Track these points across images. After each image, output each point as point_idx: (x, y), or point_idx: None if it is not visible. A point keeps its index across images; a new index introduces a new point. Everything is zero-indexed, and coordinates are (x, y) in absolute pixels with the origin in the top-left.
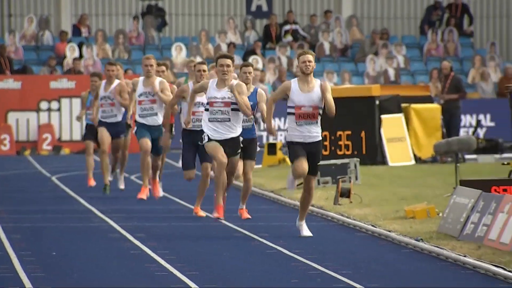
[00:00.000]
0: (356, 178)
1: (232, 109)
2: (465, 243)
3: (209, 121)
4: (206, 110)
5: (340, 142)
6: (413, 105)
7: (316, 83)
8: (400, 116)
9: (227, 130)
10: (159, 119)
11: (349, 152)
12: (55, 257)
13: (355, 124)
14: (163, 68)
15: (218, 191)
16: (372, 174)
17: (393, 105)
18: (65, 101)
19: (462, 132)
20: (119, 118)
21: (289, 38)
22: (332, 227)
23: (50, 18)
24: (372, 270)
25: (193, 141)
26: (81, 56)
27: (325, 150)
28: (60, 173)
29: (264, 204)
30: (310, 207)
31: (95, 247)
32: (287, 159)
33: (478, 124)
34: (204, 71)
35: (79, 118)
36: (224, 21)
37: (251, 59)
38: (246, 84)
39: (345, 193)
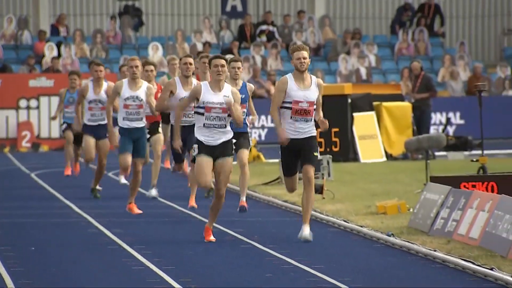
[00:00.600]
0: (329, 175)
1: (229, 115)
2: (435, 238)
3: (204, 126)
4: (200, 114)
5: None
6: (385, 103)
7: (312, 80)
8: (372, 114)
9: (221, 135)
10: (143, 123)
11: (321, 149)
12: (34, 252)
13: (333, 119)
14: (152, 67)
15: (210, 216)
16: (344, 170)
17: (365, 103)
18: (44, 99)
19: (432, 129)
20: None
21: (263, 38)
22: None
23: (29, 18)
24: (344, 265)
25: (181, 136)
26: (59, 55)
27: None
28: (39, 170)
29: (238, 200)
30: (284, 203)
31: (74, 242)
32: (262, 156)
33: (448, 122)
34: (190, 64)
35: (54, 118)
36: (199, 21)
37: (226, 57)
38: (235, 79)
39: (318, 189)
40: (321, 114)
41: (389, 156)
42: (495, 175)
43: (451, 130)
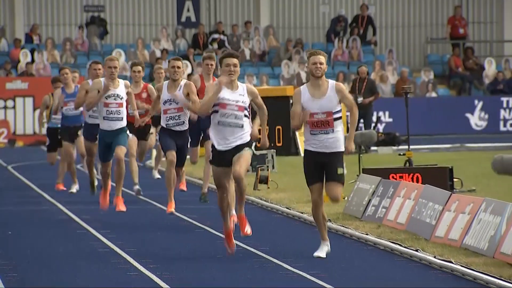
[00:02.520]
0: (273, 167)
1: (245, 115)
2: (367, 223)
3: (218, 124)
4: (214, 112)
5: (259, 136)
6: None
7: (329, 85)
8: None
9: (238, 137)
10: (123, 123)
11: (268, 144)
12: (11, 236)
13: (272, 120)
14: (139, 68)
15: (223, 215)
16: (286, 163)
17: None
18: (19, 100)
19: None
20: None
21: (215, 45)
22: (252, 209)
23: (5, 28)
24: (287, 247)
25: (170, 137)
26: (33, 60)
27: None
28: (15, 163)
29: (194, 189)
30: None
31: (46, 227)
32: None
33: (378, 120)
34: (178, 67)
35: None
36: (158, 30)
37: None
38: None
39: (264, 180)
40: (353, 135)
41: None
42: (420, 167)
43: (381, 127)
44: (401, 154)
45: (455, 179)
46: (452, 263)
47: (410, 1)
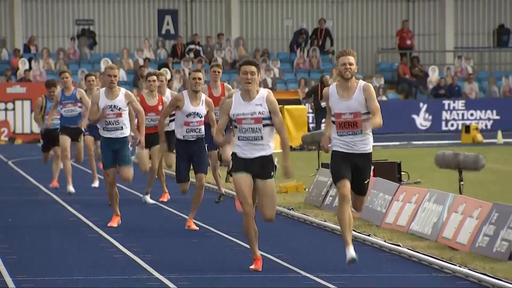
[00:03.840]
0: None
1: (264, 125)
2: (326, 211)
3: (238, 139)
4: (234, 127)
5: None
6: (286, 106)
7: (358, 86)
8: None
9: (260, 149)
10: (125, 132)
11: None
12: (11, 223)
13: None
14: (154, 78)
15: (250, 243)
16: None
17: None
18: (18, 103)
19: (323, 126)
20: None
21: (191, 55)
22: (225, 199)
23: (6, 39)
24: (239, 223)
25: (186, 152)
26: (30, 68)
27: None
28: (14, 159)
29: (207, 194)
30: (211, 186)
31: (42, 215)
32: None
33: None
34: (199, 78)
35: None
36: (141, 41)
37: (162, 69)
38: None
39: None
40: (375, 122)
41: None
42: (372, 162)
43: None
44: None
45: (403, 173)
46: (400, 246)
47: (363, 15)
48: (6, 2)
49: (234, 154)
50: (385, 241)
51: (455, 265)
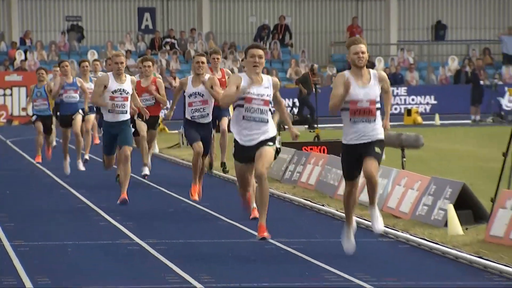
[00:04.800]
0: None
1: (269, 110)
2: (285, 184)
3: (243, 118)
4: (239, 106)
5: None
6: None
7: (371, 74)
8: None
9: (261, 133)
10: (126, 116)
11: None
12: (9, 195)
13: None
14: (149, 63)
15: (261, 210)
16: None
17: None
18: (15, 89)
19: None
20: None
21: (167, 47)
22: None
23: (4, 33)
24: (223, 202)
25: (197, 129)
26: (26, 58)
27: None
28: (12, 138)
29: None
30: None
31: (36, 188)
32: (166, 129)
33: (294, 105)
34: (202, 62)
35: (24, 109)
36: (123, 35)
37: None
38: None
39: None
40: (389, 112)
41: None
42: (326, 141)
43: (296, 110)
44: (311, 131)
45: None
46: None
47: (318, 13)
48: (4, 1)
49: (235, 142)
50: (337, 210)
51: (398, 231)
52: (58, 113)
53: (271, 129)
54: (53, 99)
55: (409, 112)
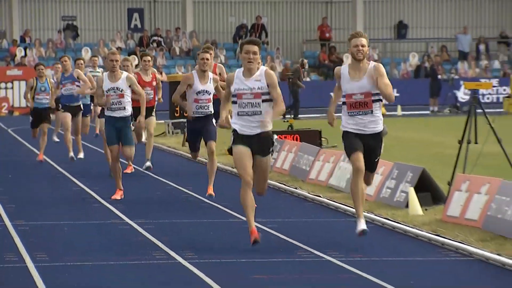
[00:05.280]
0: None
1: (263, 101)
2: None
3: (238, 115)
4: (234, 103)
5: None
6: None
7: (369, 67)
8: None
9: (258, 126)
10: (126, 112)
11: (177, 114)
12: (11, 178)
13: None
14: (149, 58)
15: (247, 214)
16: None
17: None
18: (16, 83)
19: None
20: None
21: (155, 45)
22: (181, 159)
23: (6, 32)
24: (219, 191)
25: (196, 127)
26: (25, 55)
27: (177, 113)
28: (13, 127)
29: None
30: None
31: (34, 171)
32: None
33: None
34: (207, 59)
35: (29, 103)
36: (114, 33)
37: (131, 57)
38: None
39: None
40: (389, 96)
41: None
42: (299, 130)
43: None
44: (285, 121)
45: (323, 138)
46: (321, 197)
47: (291, 13)
48: (5, 2)
49: (234, 131)
50: (308, 193)
51: (364, 211)
52: (60, 105)
53: (266, 122)
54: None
55: None
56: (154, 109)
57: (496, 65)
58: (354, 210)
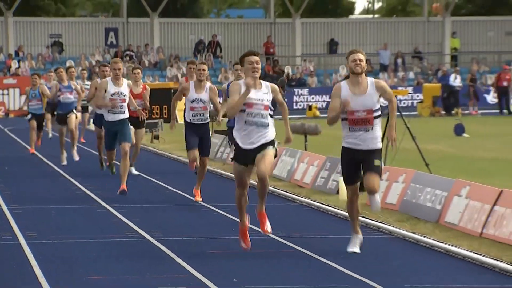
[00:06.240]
0: (162, 129)
1: (269, 114)
2: (217, 162)
3: (245, 123)
4: (241, 111)
5: (154, 111)
6: None
7: (369, 83)
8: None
9: (262, 136)
10: (126, 115)
11: (159, 116)
12: (7, 170)
13: (162, 101)
14: (139, 70)
15: (239, 212)
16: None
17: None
18: (11, 90)
19: None
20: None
21: (127, 58)
22: (150, 155)
23: (3, 47)
24: (174, 178)
25: (195, 131)
26: (19, 66)
27: (153, 114)
28: (9, 127)
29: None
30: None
31: (28, 165)
32: None
33: None
34: (204, 70)
35: (21, 109)
36: (93, 49)
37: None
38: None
39: (156, 137)
40: (394, 123)
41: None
42: None
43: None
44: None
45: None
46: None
47: (241, 32)
48: (2, 23)
49: (236, 145)
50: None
51: (302, 197)
52: (54, 112)
53: (271, 133)
54: (53, 100)
55: (310, 107)
56: (143, 120)
57: (411, 76)
58: (293, 195)
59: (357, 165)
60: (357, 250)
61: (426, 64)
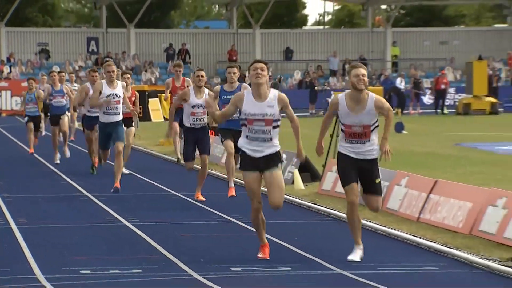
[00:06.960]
0: (137, 126)
1: (274, 127)
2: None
3: (247, 138)
4: (243, 125)
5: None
6: (161, 95)
7: (369, 100)
8: (157, 99)
9: (267, 148)
10: (120, 117)
11: (142, 116)
12: (1, 165)
13: (145, 102)
14: (128, 75)
15: (258, 232)
16: (144, 125)
17: (155, 94)
18: (3, 92)
19: None
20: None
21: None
22: (135, 152)
23: None
24: (146, 168)
25: (193, 137)
26: (10, 71)
27: (141, 113)
28: (2, 125)
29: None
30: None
31: (22, 162)
32: None
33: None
34: (202, 76)
35: (20, 111)
36: (77, 55)
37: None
38: (232, 83)
39: (135, 133)
40: (388, 136)
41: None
42: (214, 127)
43: None
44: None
45: None
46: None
47: (208, 41)
48: None
49: (243, 153)
50: (220, 173)
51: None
52: (48, 113)
53: (275, 144)
54: (45, 101)
55: None
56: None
57: None
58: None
59: (356, 169)
60: (357, 259)
61: (370, 69)
